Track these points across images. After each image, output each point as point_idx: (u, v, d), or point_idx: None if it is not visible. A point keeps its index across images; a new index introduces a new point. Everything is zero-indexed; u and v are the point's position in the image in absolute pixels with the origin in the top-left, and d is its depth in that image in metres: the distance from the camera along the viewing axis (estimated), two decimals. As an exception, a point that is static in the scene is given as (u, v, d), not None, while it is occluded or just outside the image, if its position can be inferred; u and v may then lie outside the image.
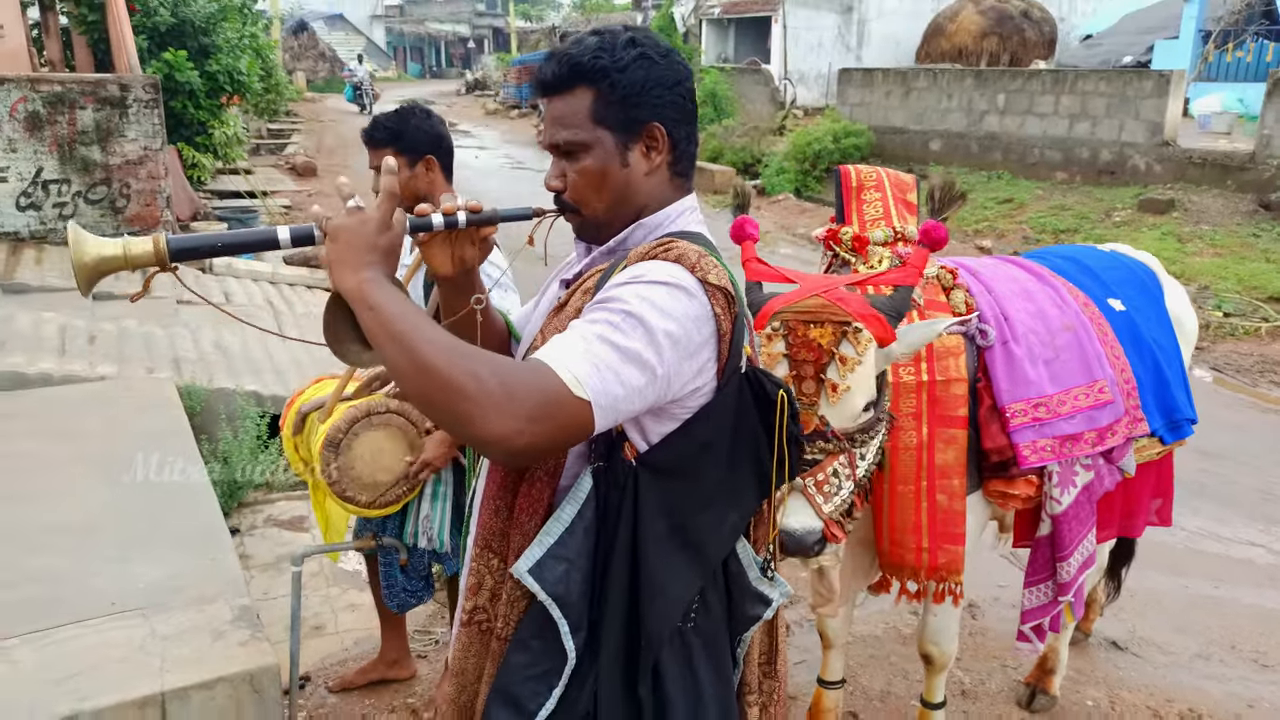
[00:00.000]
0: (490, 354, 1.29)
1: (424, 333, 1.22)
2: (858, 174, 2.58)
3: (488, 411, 1.18)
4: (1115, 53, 18.51)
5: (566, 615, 1.38)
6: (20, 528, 3.09)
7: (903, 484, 2.43)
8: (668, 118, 1.45)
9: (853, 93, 15.40)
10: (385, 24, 50.90)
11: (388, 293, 1.27)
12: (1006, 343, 2.49)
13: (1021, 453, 2.45)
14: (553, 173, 1.48)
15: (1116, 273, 2.92)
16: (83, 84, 7.13)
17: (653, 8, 31.23)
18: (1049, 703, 3.18)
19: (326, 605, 3.54)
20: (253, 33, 11.80)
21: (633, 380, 1.27)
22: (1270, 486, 5.03)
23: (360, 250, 1.29)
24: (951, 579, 2.52)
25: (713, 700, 1.48)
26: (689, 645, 1.45)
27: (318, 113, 25.24)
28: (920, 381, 2.39)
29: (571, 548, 1.39)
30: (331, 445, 2.61)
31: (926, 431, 2.40)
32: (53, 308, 5.54)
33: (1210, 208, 10.51)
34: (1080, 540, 2.62)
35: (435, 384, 1.20)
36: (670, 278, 1.34)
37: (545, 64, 1.45)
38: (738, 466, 1.44)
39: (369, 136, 2.63)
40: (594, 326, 1.30)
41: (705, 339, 1.35)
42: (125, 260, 1.31)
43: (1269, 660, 3.52)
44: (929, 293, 2.48)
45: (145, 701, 2.34)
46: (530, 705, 1.40)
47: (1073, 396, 2.52)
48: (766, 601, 1.53)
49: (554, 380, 1.23)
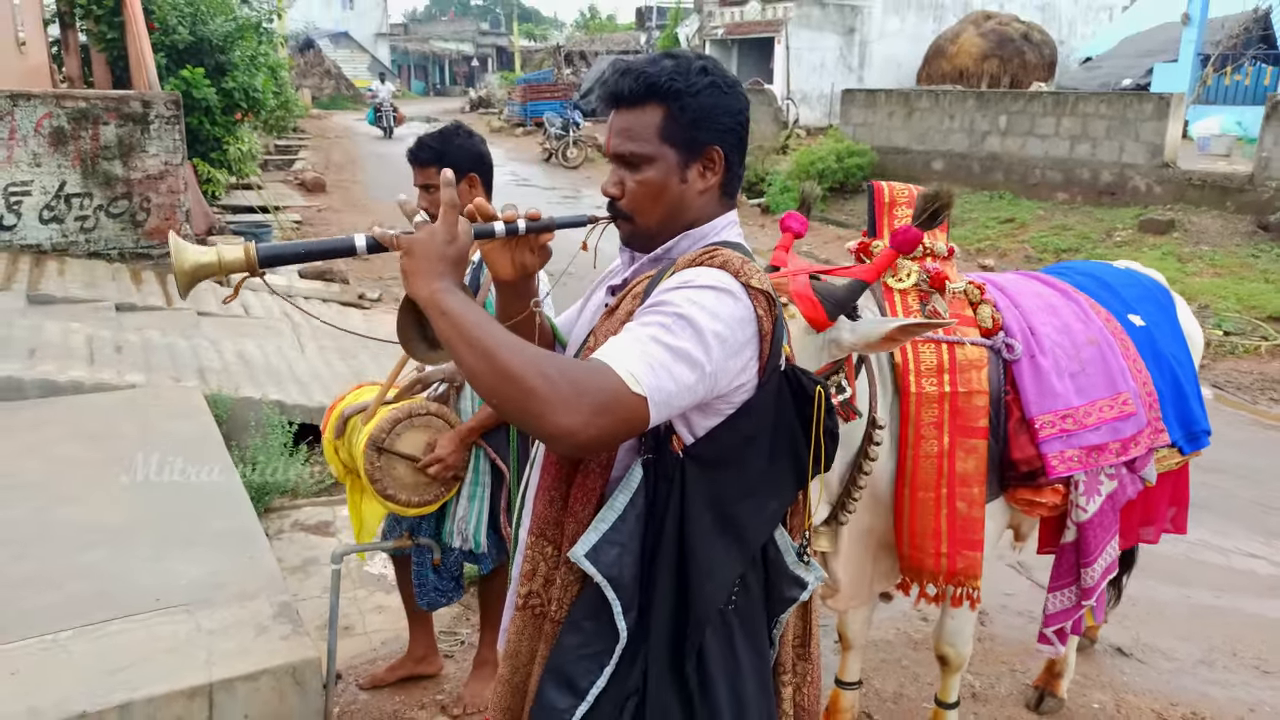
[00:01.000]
0: (555, 355, 1.41)
1: (496, 337, 1.33)
2: (890, 190, 2.70)
3: (556, 408, 1.29)
4: (1115, 75, 18.72)
5: (619, 596, 1.47)
6: (63, 528, 3.21)
7: (923, 490, 2.51)
8: (726, 142, 1.57)
9: (856, 113, 15.58)
10: (390, 42, 51.33)
11: (459, 300, 1.38)
12: (1034, 356, 2.59)
13: (1050, 463, 2.54)
14: (612, 180, 1.59)
15: (1135, 289, 3.03)
16: (106, 100, 7.27)
17: (657, 28, 31.57)
18: (1057, 705, 3.28)
19: (354, 607, 3.64)
20: (266, 50, 11.99)
21: (684, 377, 1.37)
22: (1270, 500, 5.13)
23: (432, 261, 1.40)
24: (969, 584, 2.60)
25: (751, 678, 1.57)
26: (729, 626, 1.55)
27: (324, 129, 25.45)
28: (942, 393, 2.48)
29: (624, 533, 1.48)
30: (375, 445, 2.72)
31: (948, 441, 2.48)
32: (78, 318, 5.66)
33: (1210, 228, 10.65)
34: (1104, 547, 2.72)
35: (508, 383, 1.30)
36: (716, 282, 1.45)
37: (620, 78, 1.55)
38: (777, 458, 1.55)
39: (414, 156, 2.76)
40: (647, 329, 1.40)
41: (748, 338, 1.46)
42: (219, 266, 1.42)
43: (1270, 666, 3.62)
44: (956, 307, 2.58)
45: (194, 692, 2.45)
46: (582, 683, 1.49)
47: (1098, 408, 2.62)
48: (802, 584, 1.63)
49: (614, 378, 1.33)
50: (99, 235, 7.29)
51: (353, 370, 5.82)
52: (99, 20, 9.46)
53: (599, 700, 1.49)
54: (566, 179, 18.49)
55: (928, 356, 2.52)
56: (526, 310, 1.63)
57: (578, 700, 1.49)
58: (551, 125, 21.19)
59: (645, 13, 34.19)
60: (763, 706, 1.61)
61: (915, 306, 2.55)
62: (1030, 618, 3.91)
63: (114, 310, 6.08)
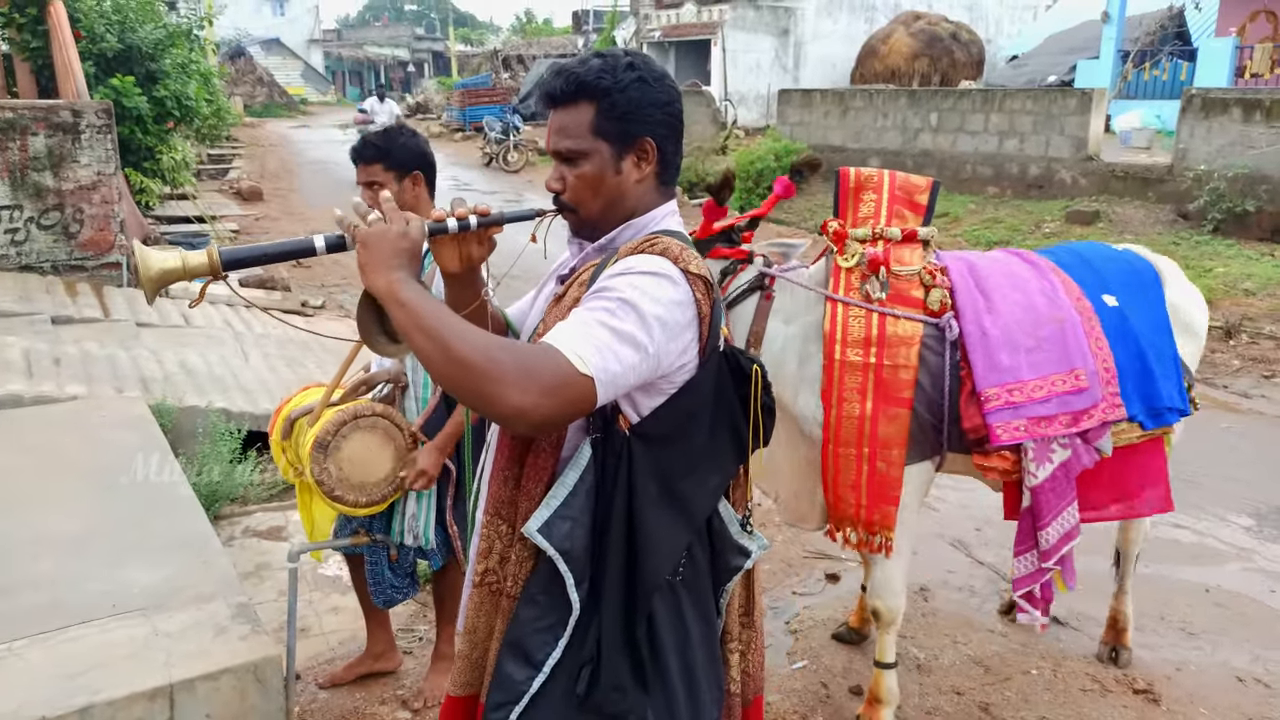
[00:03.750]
0: (506, 340, 1.48)
1: (450, 325, 1.41)
2: (857, 176, 2.95)
3: (509, 390, 1.37)
4: (1040, 72, 19.27)
5: (571, 569, 1.54)
6: (13, 537, 3.17)
7: (845, 447, 2.79)
8: (658, 134, 1.65)
9: (792, 113, 15.83)
10: (323, 48, 50.65)
11: (414, 290, 1.44)
12: (985, 333, 2.80)
13: (995, 432, 2.75)
14: (554, 175, 1.67)
15: (1118, 271, 3.15)
16: (35, 110, 7.13)
17: (594, 31, 31.64)
18: (1129, 657, 3.50)
19: (310, 609, 3.65)
20: (197, 59, 11.81)
21: (628, 358, 1.46)
22: (1193, 476, 5.37)
23: (387, 254, 1.47)
24: (884, 534, 2.86)
25: (700, 645, 1.66)
26: (678, 595, 1.64)
27: (257, 138, 25.05)
28: (867, 363, 2.76)
29: (575, 508, 1.56)
30: (320, 447, 2.75)
31: (870, 406, 2.75)
32: (13, 332, 5.56)
33: (1133, 218, 11.05)
34: (1059, 512, 2.89)
35: (463, 368, 1.38)
36: (657, 268, 1.54)
37: (554, 78, 1.63)
38: (718, 434, 1.65)
39: (358, 154, 2.79)
40: (593, 313, 1.49)
41: (688, 321, 1.55)
42: (184, 271, 1.48)
43: (1194, 629, 3.82)
44: (904, 287, 2.81)
45: (155, 693, 2.46)
46: (538, 655, 1.57)
47: (1049, 382, 2.82)
48: (746, 553, 1.73)
49: (562, 360, 1.41)
50: (30, 248, 7.14)
51: (299, 377, 5.80)
52: (21, 29, 9.23)
53: (554, 671, 1.56)
54: (508, 182, 18.47)
55: (856, 328, 2.77)
56: (477, 299, 1.70)
57: (534, 671, 1.57)
58: (491, 130, 21.12)
59: (582, 16, 34.25)
60: (711, 672, 1.70)
61: (856, 284, 2.82)
62: (971, 592, 4.07)
63: (50, 323, 5.97)
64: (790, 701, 3.30)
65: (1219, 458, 5.59)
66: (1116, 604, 3.59)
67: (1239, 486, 5.24)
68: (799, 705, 3.29)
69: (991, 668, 3.52)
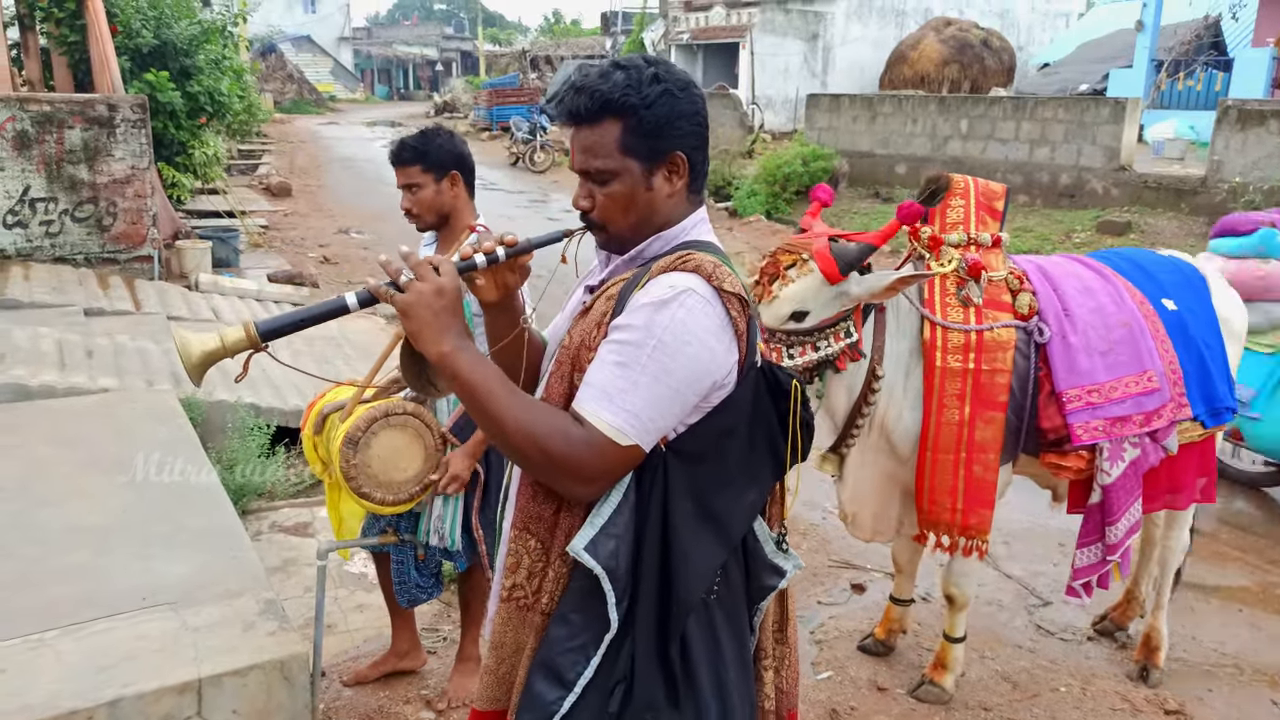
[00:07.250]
0: (555, 417, 1.50)
1: (503, 406, 1.48)
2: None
3: (562, 481, 1.52)
4: (1072, 81, 19.12)
5: (614, 588, 1.52)
6: (44, 529, 3.20)
7: (944, 453, 2.86)
8: (687, 145, 1.60)
9: (820, 117, 15.77)
10: (353, 46, 51.04)
11: (465, 362, 1.47)
12: (1065, 337, 2.89)
13: (1075, 431, 2.86)
14: (581, 193, 1.63)
15: (1171, 276, 3.27)
16: (71, 104, 7.21)
17: (622, 33, 31.66)
18: (1159, 676, 3.48)
19: (336, 605, 3.66)
20: (230, 55, 11.90)
21: (668, 409, 1.50)
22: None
23: (429, 320, 1.47)
24: (979, 538, 2.95)
25: (733, 663, 1.64)
26: (712, 614, 1.61)
27: (286, 134, 25.25)
28: (966, 369, 2.83)
29: (620, 525, 1.53)
30: (350, 443, 2.75)
31: (969, 411, 2.83)
32: (46, 323, 5.61)
33: (1165, 229, 10.92)
34: (1127, 508, 3.00)
35: (517, 455, 1.51)
36: (690, 286, 1.51)
37: (575, 97, 1.58)
38: (755, 450, 1.62)
39: (396, 156, 2.80)
40: (625, 370, 1.48)
41: (726, 347, 1.53)
42: (225, 350, 1.48)
43: (1226, 649, 3.76)
44: (995, 292, 2.91)
45: (183, 688, 2.46)
46: (570, 675, 1.54)
47: (1124, 384, 2.92)
48: (781, 573, 1.70)
49: (604, 442, 1.47)
50: (64, 240, 7.23)
51: (327, 374, 5.82)
52: (59, 24, 9.33)
53: (586, 690, 1.54)
54: (534, 183, 18.51)
55: (955, 336, 2.85)
56: (516, 327, 1.69)
57: (565, 691, 1.54)
58: (518, 129, 21.20)
59: (610, 18, 34.27)
60: (744, 690, 1.67)
61: (952, 290, 2.90)
62: (999, 606, 4.03)
63: (82, 315, 6.03)
64: (815, 712, 3.27)
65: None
66: (1153, 620, 3.54)
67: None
68: (823, 716, 3.26)
69: (1020, 684, 3.48)
